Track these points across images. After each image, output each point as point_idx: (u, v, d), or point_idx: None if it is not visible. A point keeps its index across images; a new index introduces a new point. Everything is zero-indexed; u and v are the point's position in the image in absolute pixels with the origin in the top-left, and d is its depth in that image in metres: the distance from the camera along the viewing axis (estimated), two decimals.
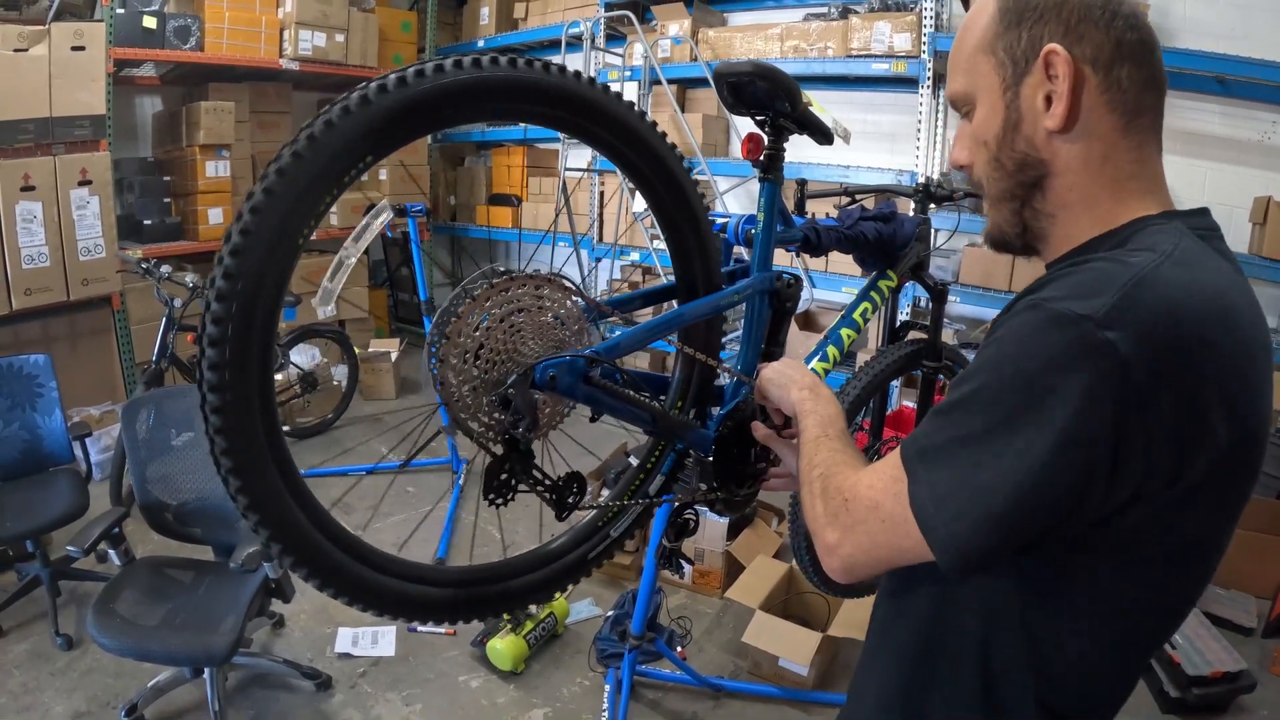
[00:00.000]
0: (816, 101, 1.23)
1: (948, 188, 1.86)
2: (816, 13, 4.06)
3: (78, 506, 2.57)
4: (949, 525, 0.66)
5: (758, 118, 1.21)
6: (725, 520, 2.90)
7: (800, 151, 2.49)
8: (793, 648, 2.42)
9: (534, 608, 2.59)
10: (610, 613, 2.66)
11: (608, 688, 2.42)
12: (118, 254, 3.84)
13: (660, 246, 4.29)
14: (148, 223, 4.30)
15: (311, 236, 0.79)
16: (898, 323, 1.88)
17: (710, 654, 2.65)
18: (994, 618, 0.74)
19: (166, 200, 4.43)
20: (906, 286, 1.99)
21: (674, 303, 1.16)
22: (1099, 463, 0.62)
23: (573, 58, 4.56)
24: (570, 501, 0.96)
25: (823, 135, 1.26)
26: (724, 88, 1.18)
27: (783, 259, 2.28)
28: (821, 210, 1.89)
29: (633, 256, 4.75)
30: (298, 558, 0.83)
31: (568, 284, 0.96)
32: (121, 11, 3.91)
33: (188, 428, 2.29)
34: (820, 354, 1.54)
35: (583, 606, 2.85)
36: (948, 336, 3.18)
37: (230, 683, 2.38)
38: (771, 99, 1.17)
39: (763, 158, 1.22)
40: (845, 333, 1.59)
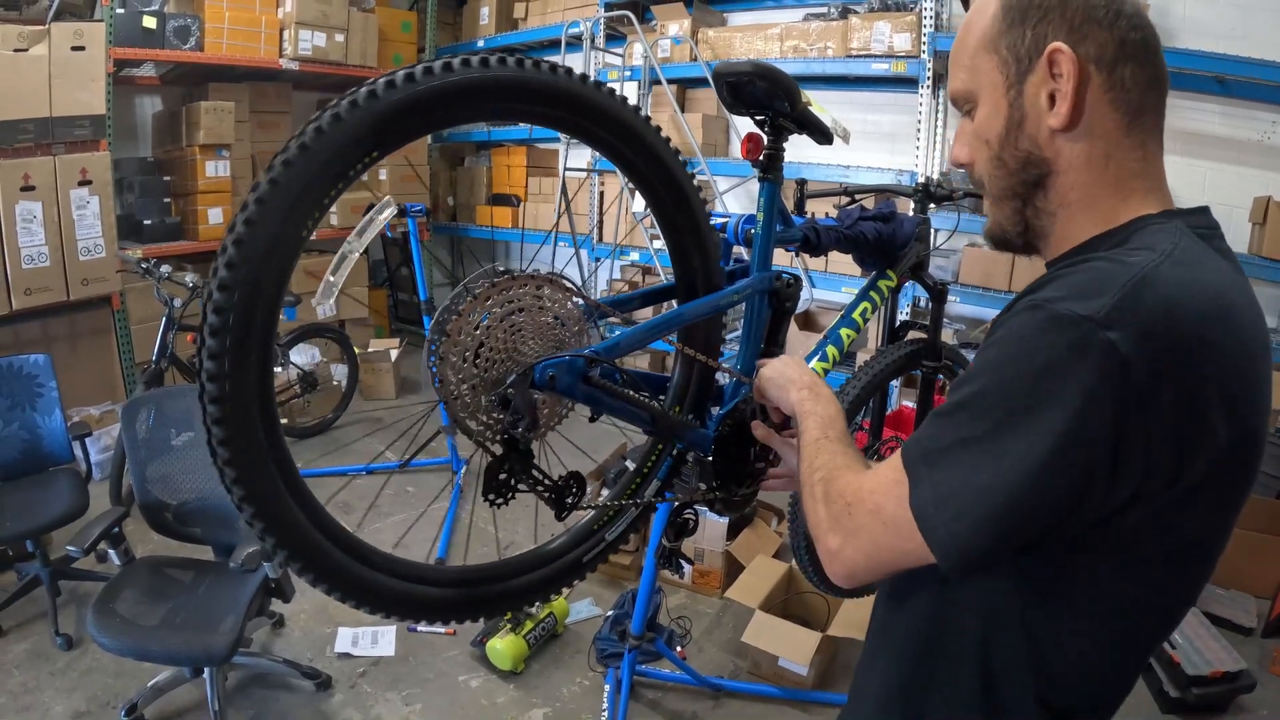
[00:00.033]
0: (816, 101, 1.23)
1: (947, 187, 1.86)
2: (816, 13, 4.06)
3: (78, 506, 2.57)
4: (949, 525, 0.66)
5: (757, 117, 1.21)
6: (725, 520, 2.90)
7: (800, 151, 2.50)
8: (792, 647, 2.42)
9: (534, 607, 2.59)
10: (610, 612, 2.67)
11: (607, 687, 2.42)
12: (118, 254, 3.84)
13: (660, 246, 4.29)
14: (148, 223, 4.30)
15: (312, 236, 0.79)
16: (897, 322, 1.88)
17: (710, 654, 2.65)
18: (994, 618, 0.74)
19: (166, 200, 4.43)
20: (906, 286, 1.99)
21: (674, 302, 1.16)
22: (1099, 463, 0.62)
23: (573, 58, 4.56)
24: (569, 502, 0.96)
25: (822, 135, 1.26)
26: (723, 87, 1.18)
27: (782, 259, 2.28)
28: (821, 210, 1.89)
29: (633, 256, 4.75)
30: (297, 557, 0.83)
31: (567, 284, 0.96)
32: (121, 11, 3.91)
33: (187, 427, 2.29)
34: (820, 354, 1.54)
35: (583, 606, 2.85)
36: (947, 336, 3.18)
37: (230, 682, 2.38)
38: (771, 99, 1.17)
39: (762, 157, 1.22)
40: (845, 332, 1.59)
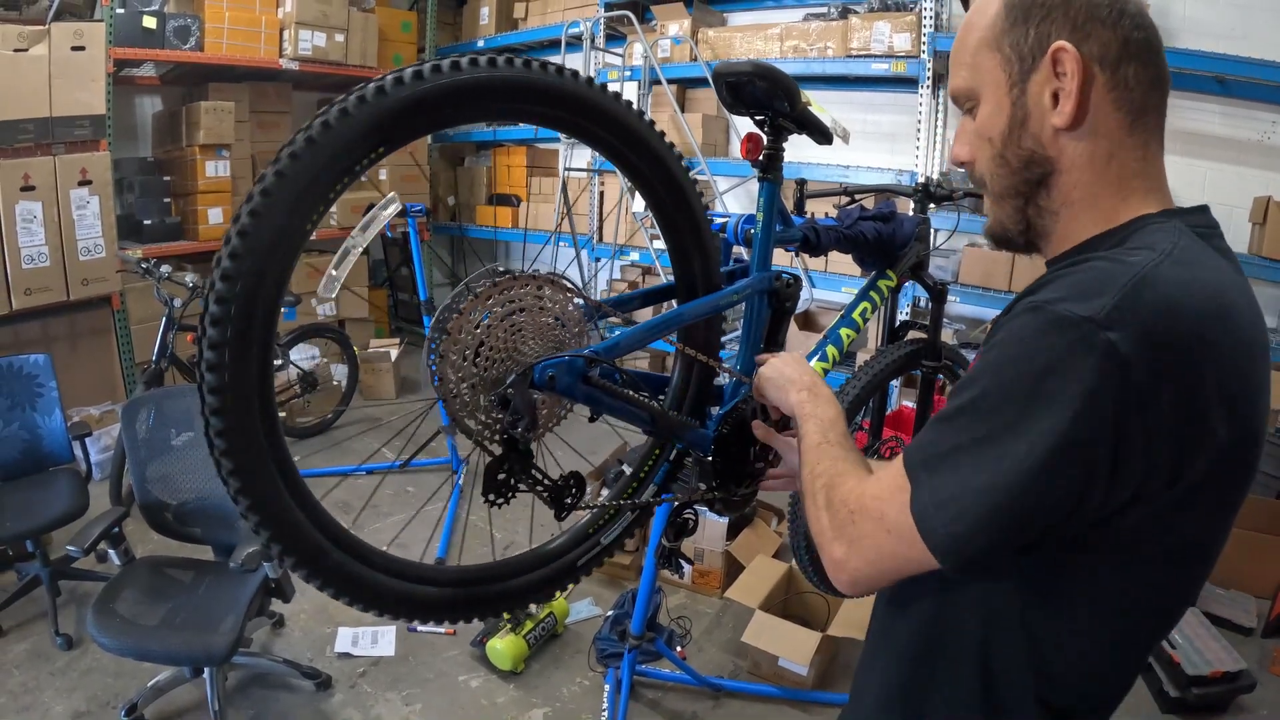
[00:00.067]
0: (815, 101, 1.23)
1: (947, 187, 1.86)
2: (816, 13, 4.05)
3: (78, 506, 2.57)
4: (948, 527, 0.66)
5: (757, 117, 1.21)
6: (725, 520, 2.90)
7: (800, 151, 2.50)
8: (792, 647, 2.42)
9: (534, 607, 2.59)
10: (610, 612, 2.67)
11: (607, 687, 2.42)
12: (118, 254, 3.84)
13: (660, 246, 4.29)
14: (148, 223, 4.30)
15: (315, 232, 0.79)
16: (897, 322, 1.88)
17: (710, 654, 2.65)
18: (994, 618, 0.74)
19: (166, 200, 4.43)
20: (906, 286, 1.99)
21: (673, 302, 1.16)
22: (1099, 463, 0.62)
23: (573, 58, 4.56)
24: (568, 502, 0.96)
25: (821, 135, 1.26)
26: (723, 87, 1.18)
27: (782, 259, 2.28)
28: (821, 210, 1.89)
29: (633, 256, 4.75)
30: (297, 557, 0.83)
31: (568, 284, 0.96)
32: (121, 11, 3.91)
33: (187, 427, 2.29)
34: (820, 354, 1.54)
35: (582, 606, 2.85)
36: (947, 336, 3.18)
37: (230, 682, 2.38)
38: (770, 99, 1.17)
39: (762, 157, 1.22)
40: (845, 332, 1.59)
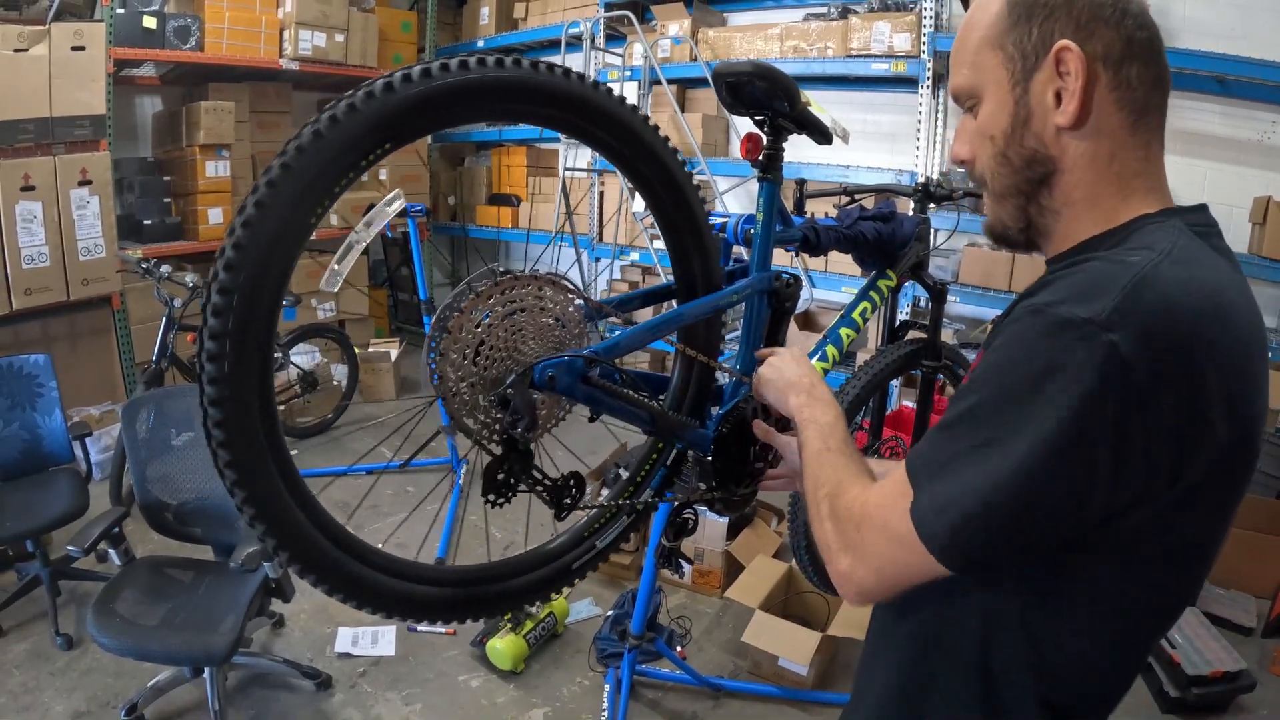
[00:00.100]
0: (815, 101, 1.23)
1: (947, 187, 1.86)
2: (816, 13, 4.05)
3: (78, 506, 2.57)
4: (947, 527, 0.66)
5: (756, 118, 1.21)
6: (725, 520, 2.90)
7: (800, 151, 2.50)
8: (792, 647, 2.42)
9: (534, 607, 2.59)
10: (610, 612, 2.67)
11: (607, 687, 2.42)
12: (118, 254, 3.84)
13: (660, 246, 4.29)
14: (148, 223, 4.30)
15: (316, 230, 0.79)
16: (897, 322, 1.88)
17: (710, 654, 2.65)
18: (993, 618, 0.74)
19: (166, 200, 4.43)
20: (906, 286, 1.99)
21: (673, 302, 1.16)
22: (1100, 464, 0.62)
23: (572, 58, 4.56)
24: (568, 502, 0.96)
25: (821, 135, 1.26)
26: (723, 88, 1.18)
27: (782, 259, 2.28)
28: (821, 210, 1.89)
29: (633, 256, 4.75)
30: (297, 557, 0.83)
31: (568, 284, 0.96)
32: (121, 11, 3.91)
33: (188, 427, 2.29)
34: (819, 353, 1.54)
35: (582, 606, 2.85)
36: (947, 336, 3.18)
37: (230, 682, 2.38)
38: (770, 99, 1.16)
39: (762, 157, 1.22)
40: (844, 332, 1.59)
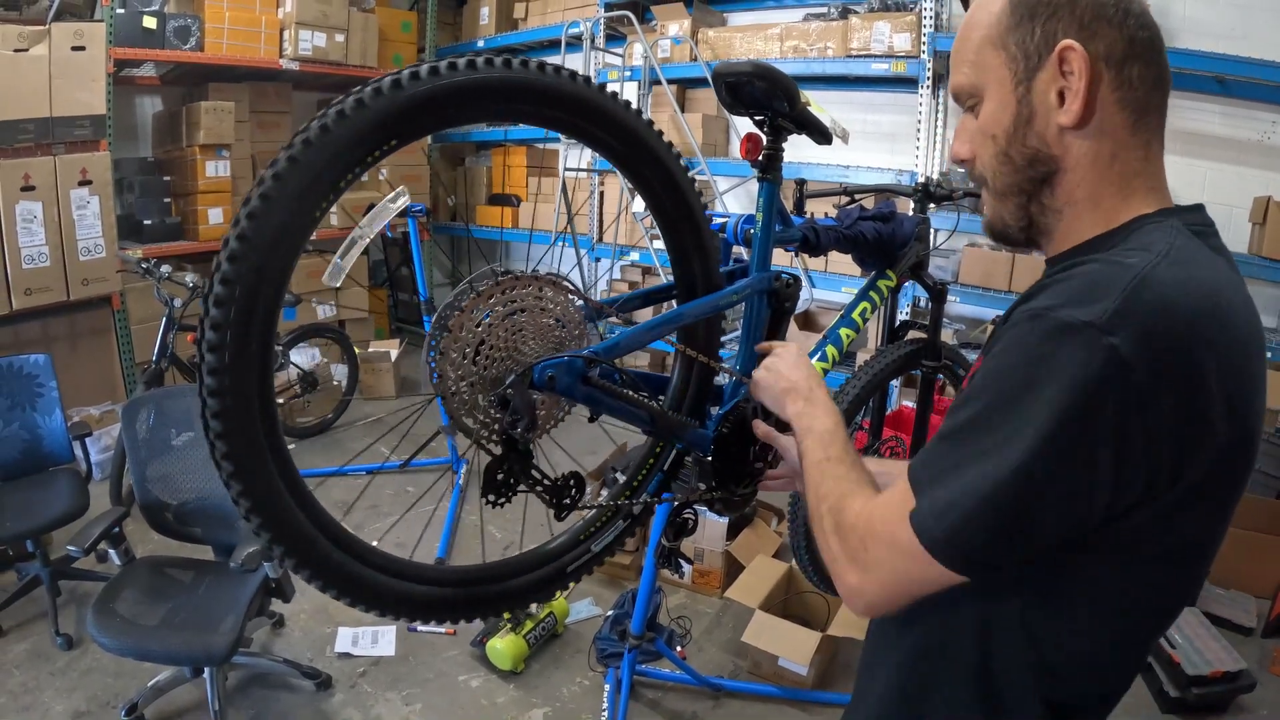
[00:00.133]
0: (815, 101, 1.23)
1: (947, 187, 1.86)
2: (816, 13, 4.05)
3: (78, 506, 2.57)
4: (947, 529, 0.66)
5: (756, 118, 1.21)
6: (725, 520, 2.90)
7: (799, 151, 2.50)
8: (792, 647, 2.42)
9: (534, 607, 2.59)
10: (610, 612, 2.67)
11: (607, 687, 2.42)
12: (118, 254, 3.84)
13: (660, 246, 4.29)
14: (148, 223, 4.30)
15: (312, 235, 0.79)
16: (897, 322, 1.88)
17: (710, 654, 2.65)
18: (994, 618, 0.74)
19: (166, 200, 4.43)
20: (906, 286, 1.99)
21: (673, 302, 1.16)
22: (1102, 465, 0.62)
23: (572, 58, 4.56)
24: (568, 502, 0.96)
25: (821, 135, 1.26)
26: (722, 88, 1.18)
27: (782, 259, 2.28)
28: (820, 210, 1.89)
29: (633, 256, 4.75)
30: (297, 557, 0.83)
31: (568, 284, 0.96)
32: (121, 11, 3.91)
33: (188, 427, 2.29)
34: (819, 354, 1.54)
35: (582, 606, 2.85)
36: (947, 336, 3.18)
37: (230, 682, 2.38)
38: (770, 99, 1.16)
39: (761, 158, 1.22)
40: (844, 332, 1.59)
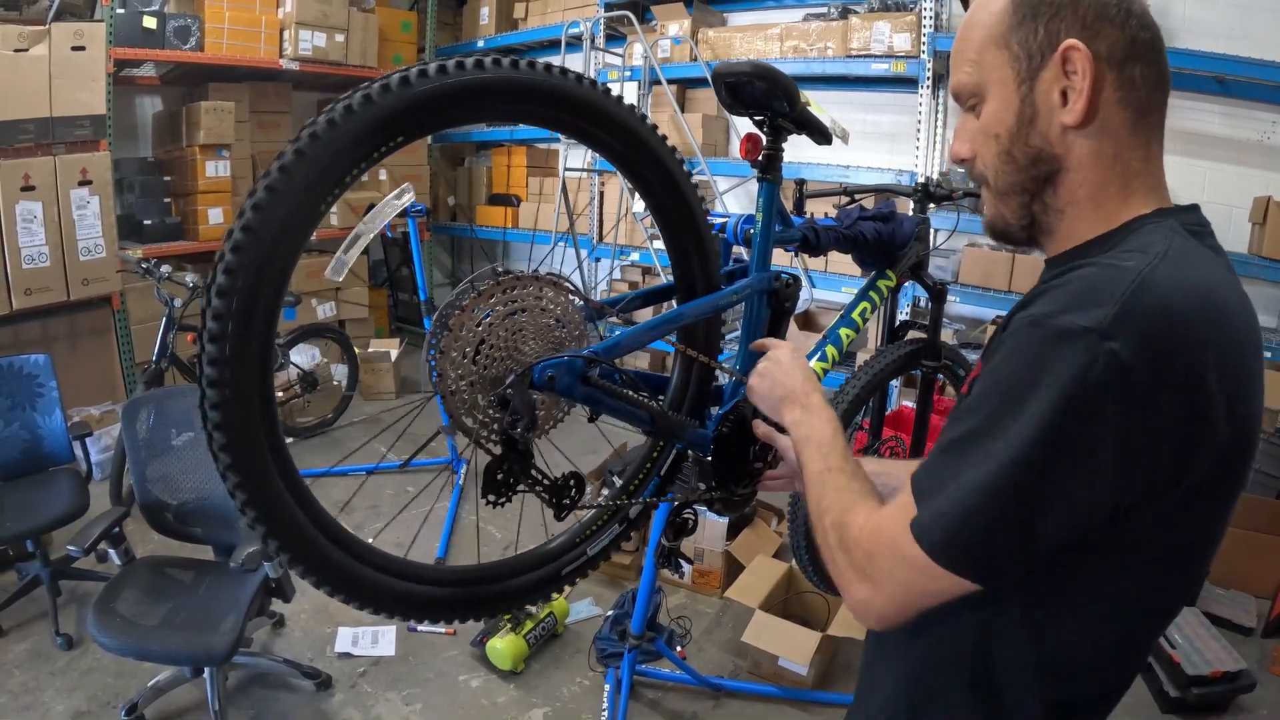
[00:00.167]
0: (815, 101, 1.23)
1: (947, 187, 1.86)
2: (816, 13, 4.05)
3: (78, 506, 2.57)
4: (946, 528, 0.66)
5: (756, 118, 1.21)
6: (725, 520, 2.90)
7: (799, 151, 2.50)
8: (792, 647, 2.42)
9: (534, 607, 2.59)
10: (610, 612, 2.66)
11: (607, 687, 2.42)
12: (118, 254, 3.84)
13: (660, 246, 4.29)
14: (148, 223, 4.30)
15: (316, 230, 0.79)
16: (897, 322, 1.88)
17: (710, 654, 2.65)
18: (996, 619, 0.74)
19: (166, 200, 4.43)
20: (906, 286, 1.99)
21: (674, 302, 1.16)
22: (1104, 467, 0.62)
23: (572, 58, 4.56)
24: (568, 502, 0.96)
25: (821, 135, 1.26)
26: (722, 88, 1.18)
27: (782, 259, 2.28)
28: (820, 210, 1.89)
29: (633, 256, 4.75)
30: (297, 557, 0.83)
31: (568, 285, 0.96)
32: (121, 11, 3.91)
33: (188, 427, 2.29)
34: (819, 354, 1.54)
35: (583, 606, 2.86)
36: (947, 336, 3.18)
37: (230, 682, 2.38)
38: (769, 99, 1.17)
39: (761, 158, 1.22)
40: (844, 332, 1.59)
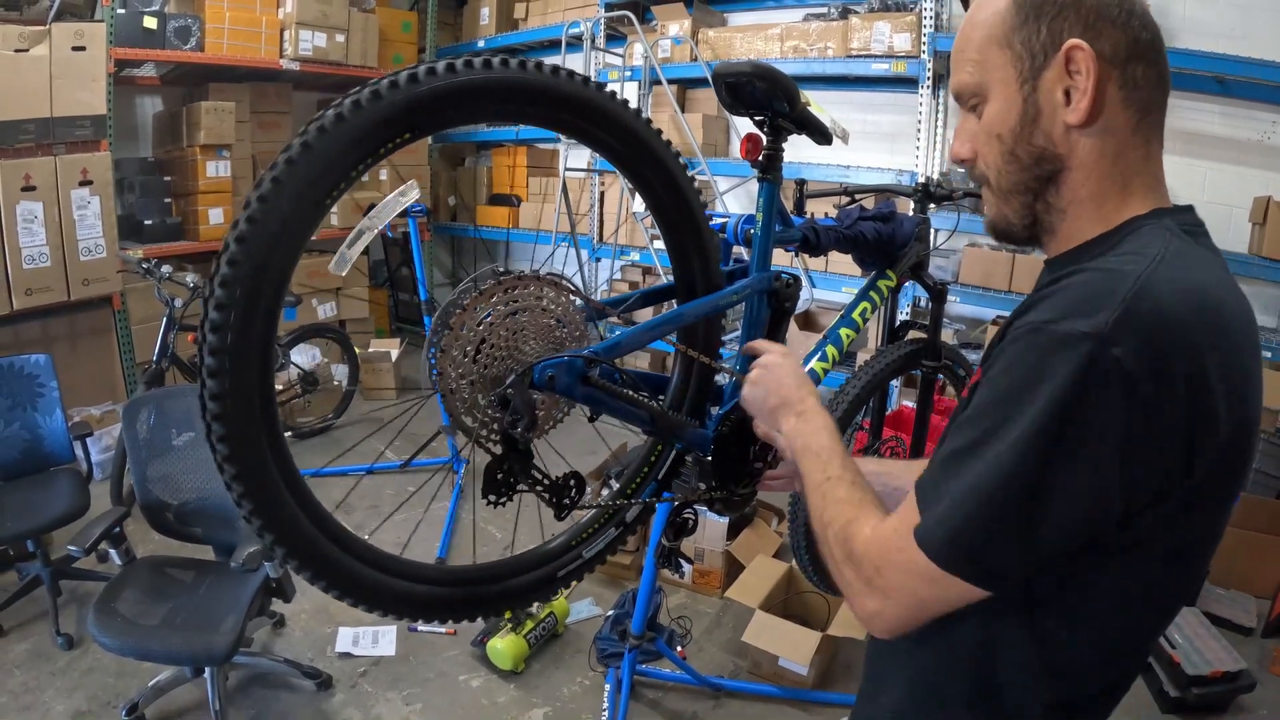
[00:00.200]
0: (815, 101, 1.23)
1: (947, 187, 1.86)
2: (816, 13, 4.06)
3: (78, 506, 2.57)
4: (948, 533, 0.67)
5: (756, 118, 1.21)
6: (725, 520, 2.90)
7: (800, 151, 2.50)
8: (792, 647, 2.42)
9: (534, 607, 2.59)
10: (610, 612, 2.67)
11: (608, 687, 2.42)
12: (118, 254, 3.84)
13: (660, 246, 4.29)
14: (148, 223, 4.31)
15: (320, 224, 0.79)
16: (897, 322, 1.88)
17: (710, 653, 2.65)
18: (1000, 622, 0.74)
19: (167, 200, 4.43)
20: (906, 286, 1.99)
21: (674, 302, 1.16)
22: (1109, 474, 0.63)
23: (573, 58, 4.56)
24: (568, 502, 0.97)
25: (821, 135, 1.26)
26: (722, 88, 1.18)
27: (782, 259, 2.28)
28: (821, 210, 1.89)
29: (633, 256, 4.75)
30: (298, 556, 0.83)
31: (569, 285, 0.96)
32: (122, 12, 3.91)
33: (188, 427, 2.29)
34: (820, 354, 1.54)
35: (583, 606, 2.86)
36: (947, 336, 3.18)
37: (231, 682, 2.38)
38: (770, 99, 1.16)
39: (761, 158, 1.22)
40: (844, 332, 1.59)
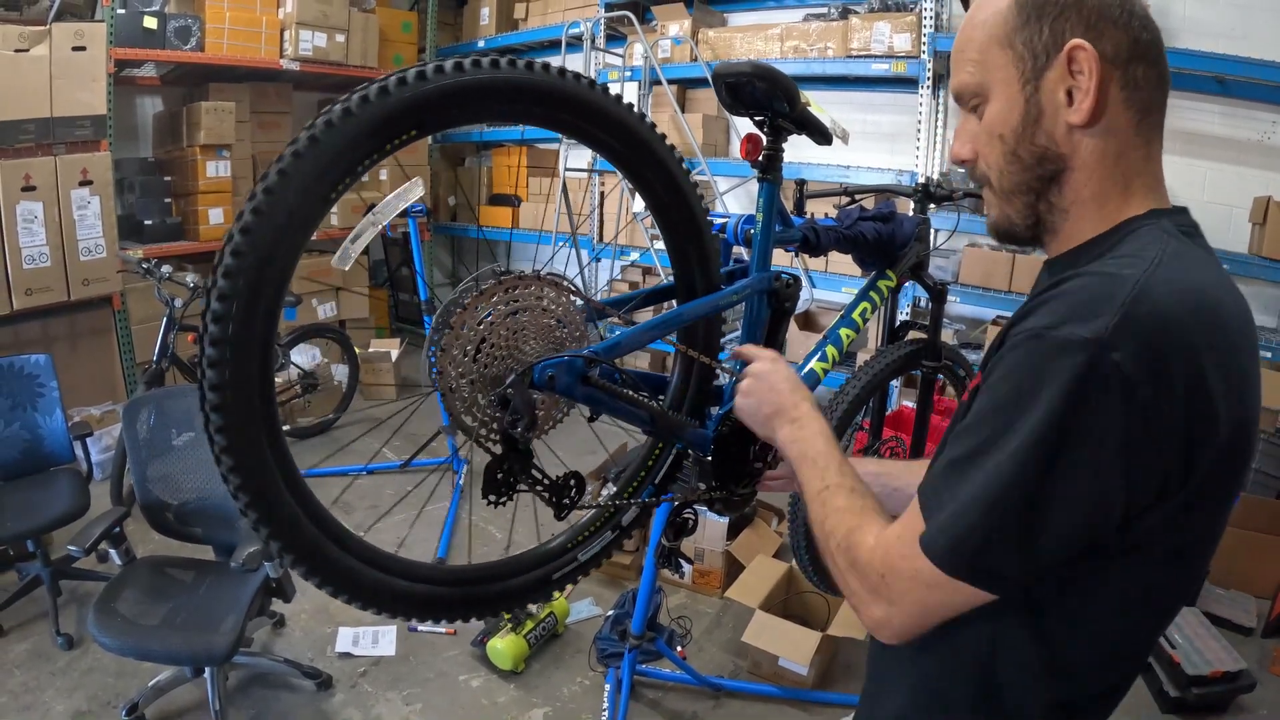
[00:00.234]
0: (815, 102, 1.23)
1: (947, 188, 1.86)
2: (816, 13, 4.06)
3: (78, 506, 2.57)
4: (951, 539, 0.67)
5: (756, 118, 1.21)
6: (725, 520, 2.90)
7: (800, 151, 2.50)
8: (792, 647, 2.42)
9: (534, 607, 2.60)
10: (610, 612, 2.67)
11: (608, 687, 2.42)
12: (118, 254, 3.84)
13: (660, 246, 4.29)
14: (148, 223, 4.31)
15: (323, 220, 0.79)
16: (897, 322, 1.89)
17: (710, 653, 2.65)
18: (1003, 624, 0.74)
19: (167, 200, 4.43)
20: (906, 286, 1.99)
21: (674, 302, 1.16)
22: (1111, 478, 0.63)
23: (573, 58, 4.56)
24: (568, 502, 0.97)
25: (821, 135, 1.26)
26: (722, 88, 1.18)
27: (782, 259, 2.28)
28: (821, 210, 1.89)
29: (633, 256, 4.76)
30: (298, 556, 0.83)
31: (569, 285, 0.97)
32: (122, 12, 3.91)
33: (188, 427, 2.29)
34: (820, 354, 1.54)
35: (583, 606, 2.86)
36: (947, 336, 3.18)
37: (231, 682, 2.38)
38: (770, 99, 1.17)
39: (761, 158, 1.22)
40: (844, 332, 1.59)
